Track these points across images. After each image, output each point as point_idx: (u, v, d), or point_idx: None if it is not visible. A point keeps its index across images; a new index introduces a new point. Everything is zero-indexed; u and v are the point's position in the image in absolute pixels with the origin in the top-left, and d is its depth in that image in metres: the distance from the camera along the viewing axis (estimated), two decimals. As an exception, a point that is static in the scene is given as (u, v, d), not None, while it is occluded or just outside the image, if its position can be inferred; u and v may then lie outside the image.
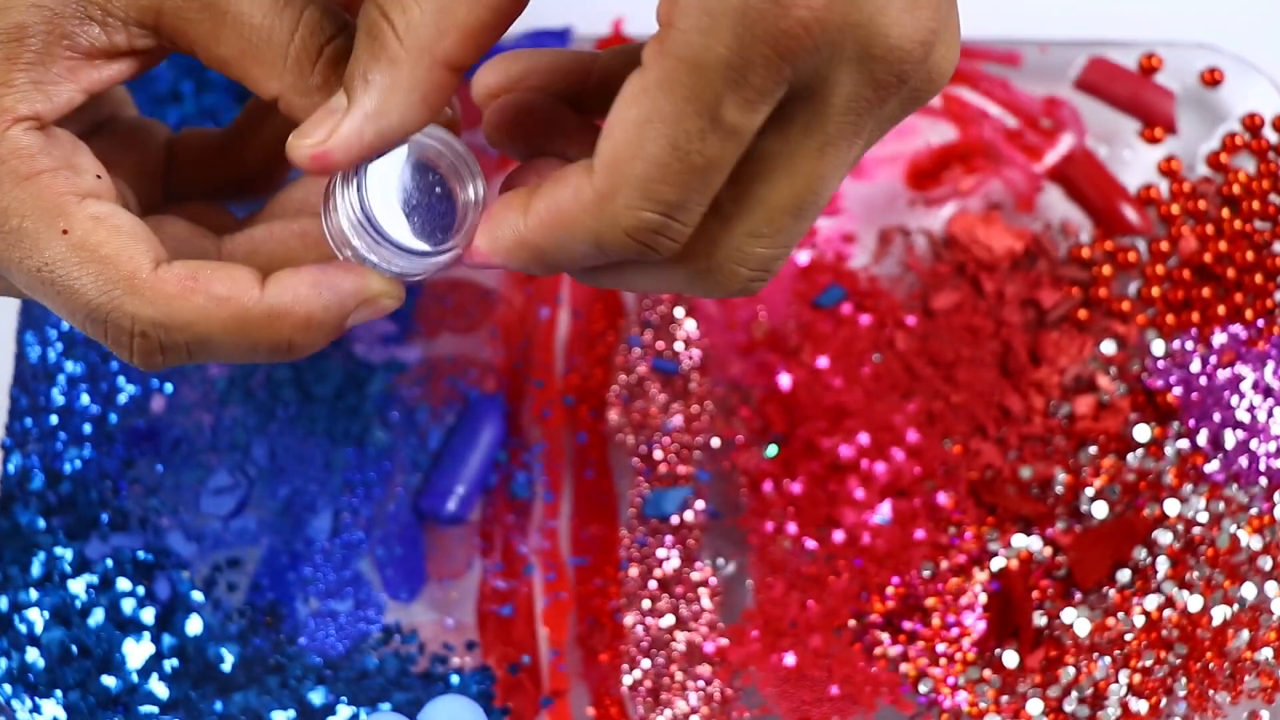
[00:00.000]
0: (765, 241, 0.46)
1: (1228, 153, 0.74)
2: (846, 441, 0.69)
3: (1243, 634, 0.66)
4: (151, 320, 0.47)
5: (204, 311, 0.47)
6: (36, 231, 0.46)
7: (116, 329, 0.47)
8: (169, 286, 0.47)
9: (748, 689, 0.66)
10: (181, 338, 0.48)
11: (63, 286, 0.47)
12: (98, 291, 0.47)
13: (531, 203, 0.47)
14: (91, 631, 0.65)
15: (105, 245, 0.47)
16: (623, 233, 0.45)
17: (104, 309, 0.47)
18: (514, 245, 0.47)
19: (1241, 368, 0.70)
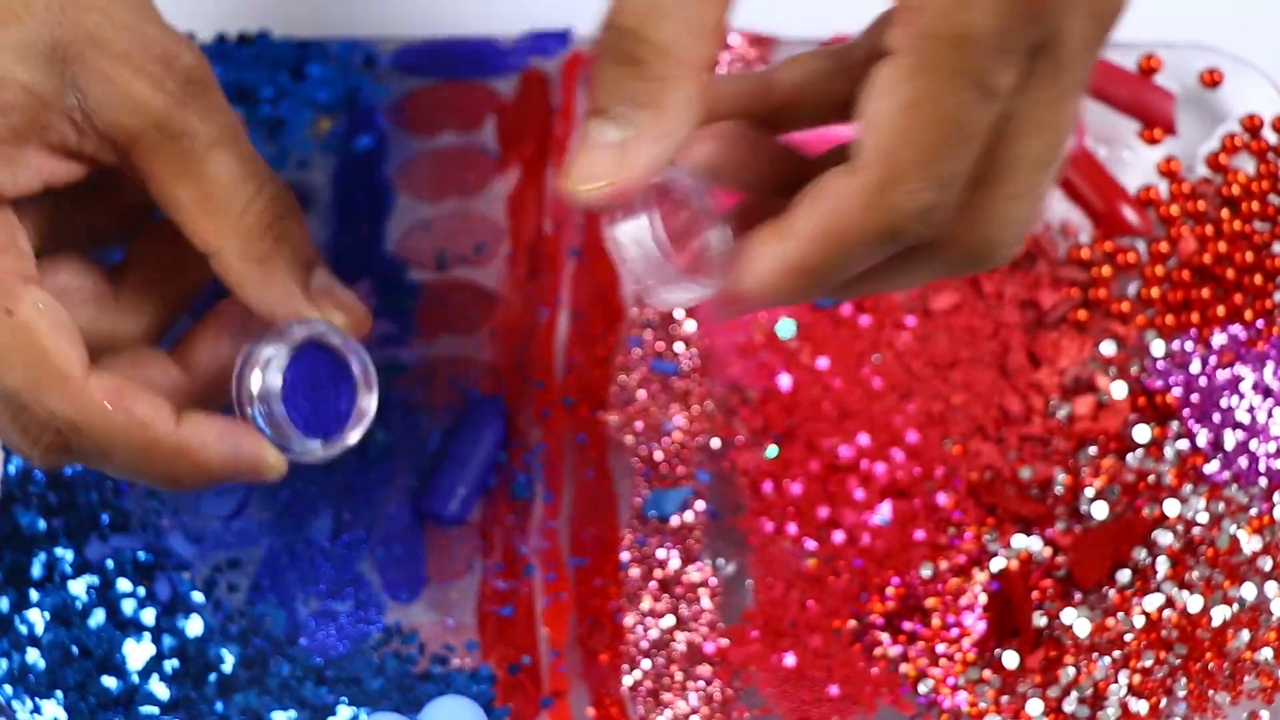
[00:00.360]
0: (1022, 203, 0.47)
1: (1227, 153, 0.74)
2: (846, 442, 0.69)
3: (1243, 634, 0.66)
4: (69, 423, 0.48)
5: (121, 429, 0.49)
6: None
7: (32, 420, 0.48)
8: (96, 396, 0.48)
9: (748, 689, 0.66)
10: (90, 446, 0.49)
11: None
12: (26, 380, 0.47)
13: (790, 227, 0.47)
14: (92, 632, 0.65)
15: (45, 337, 0.47)
16: (906, 219, 0.45)
17: (26, 397, 0.47)
18: (783, 275, 0.47)
19: (1241, 368, 0.70)
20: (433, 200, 0.74)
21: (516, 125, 0.76)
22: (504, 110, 0.76)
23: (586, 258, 0.73)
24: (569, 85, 0.76)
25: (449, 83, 0.76)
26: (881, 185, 0.45)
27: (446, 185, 0.75)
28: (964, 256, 0.48)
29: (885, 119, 0.45)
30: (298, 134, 0.75)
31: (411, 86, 0.76)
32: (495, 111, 0.76)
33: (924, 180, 0.45)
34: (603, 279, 0.73)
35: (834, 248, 0.46)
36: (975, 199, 0.46)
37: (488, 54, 0.76)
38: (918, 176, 0.45)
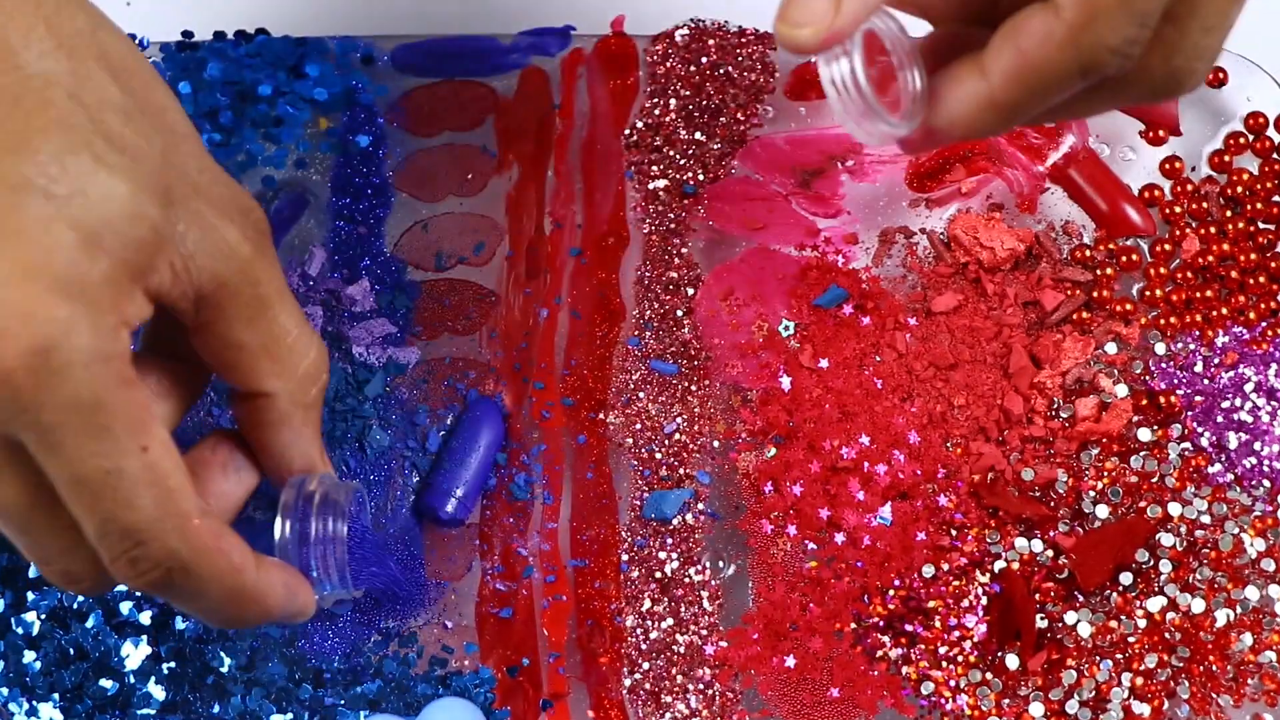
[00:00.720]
0: (1215, 34, 0.50)
1: (1231, 153, 0.74)
2: (847, 443, 0.69)
3: (1245, 637, 0.66)
4: (181, 562, 0.49)
5: (218, 571, 0.50)
6: (120, 439, 0.47)
7: (146, 555, 0.48)
8: (206, 540, 0.49)
9: (748, 691, 0.66)
10: (189, 584, 0.49)
11: (121, 498, 0.47)
12: (153, 518, 0.48)
13: (989, 65, 0.50)
14: (88, 634, 0.65)
15: (171, 478, 0.48)
16: (1107, 53, 0.48)
17: (149, 534, 0.48)
18: (981, 110, 0.51)
19: (1245, 369, 0.70)
20: (432, 200, 0.74)
21: (516, 124, 0.75)
22: (503, 109, 0.76)
23: (586, 258, 0.73)
24: (569, 84, 0.76)
25: (448, 81, 0.76)
26: (1084, 22, 0.48)
27: (446, 184, 0.75)
28: (1156, 86, 0.51)
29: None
30: (296, 133, 0.75)
31: (410, 85, 0.76)
32: (495, 110, 0.76)
33: (1124, 15, 0.47)
34: (603, 279, 0.73)
35: (1032, 84, 0.50)
36: (1169, 32, 0.49)
37: (487, 52, 0.76)
38: (1118, 12, 0.47)
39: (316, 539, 0.55)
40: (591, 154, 0.75)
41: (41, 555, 0.50)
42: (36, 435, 0.46)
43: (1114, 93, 0.52)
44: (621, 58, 0.76)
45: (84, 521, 0.48)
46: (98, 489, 0.47)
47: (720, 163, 0.75)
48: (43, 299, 0.45)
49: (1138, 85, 0.51)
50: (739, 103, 0.75)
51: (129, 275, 0.47)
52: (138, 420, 0.47)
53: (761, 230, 0.73)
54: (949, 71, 0.52)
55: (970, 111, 0.51)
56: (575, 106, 0.76)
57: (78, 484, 0.47)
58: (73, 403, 0.45)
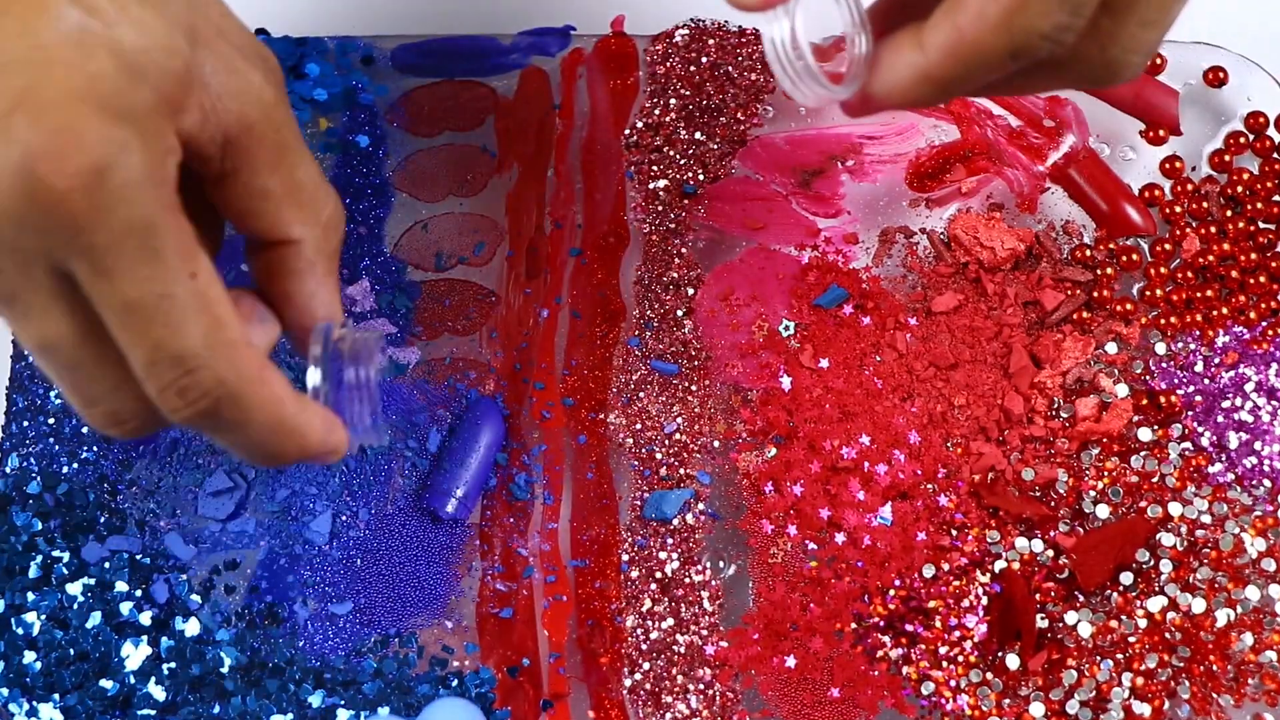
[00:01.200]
0: (1153, 29, 0.51)
1: (1231, 152, 0.74)
2: (848, 443, 0.69)
3: (1246, 637, 0.66)
4: (229, 390, 0.48)
5: (263, 401, 0.49)
6: (171, 263, 0.46)
7: (195, 384, 0.48)
8: (253, 369, 0.49)
9: (749, 692, 0.66)
10: (235, 414, 0.49)
11: (174, 323, 0.47)
12: (201, 344, 0.47)
13: (926, 38, 0.51)
14: (89, 634, 0.65)
15: (219, 305, 0.48)
16: (1039, 37, 0.49)
17: (198, 360, 0.47)
18: (916, 82, 0.52)
19: (1245, 369, 0.70)
20: (432, 200, 0.74)
21: (516, 124, 0.75)
22: (504, 109, 0.76)
23: (586, 258, 0.73)
24: (569, 84, 0.76)
25: (448, 82, 0.76)
26: (1017, 5, 0.49)
27: (446, 185, 0.75)
28: (1090, 74, 0.52)
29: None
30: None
31: (410, 85, 0.76)
32: (495, 110, 0.76)
33: (1056, 2, 0.48)
34: (603, 279, 0.73)
35: (965, 62, 0.51)
36: (1106, 22, 0.50)
37: (487, 52, 0.76)
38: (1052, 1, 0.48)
39: (349, 385, 0.54)
40: (591, 154, 0.75)
41: (87, 395, 0.49)
42: (89, 261, 0.45)
43: (1050, 76, 0.53)
44: (621, 58, 0.76)
45: (133, 351, 0.47)
46: (149, 314, 0.46)
47: (720, 163, 0.74)
48: (94, 121, 0.44)
49: (1073, 71, 0.52)
50: (739, 103, 0.75)
51: (168, 109, 0.46)
52: (188, 246, 0.47)
53: (761, 230, 0.73)
54: (890, 40, 0.52)
55: (906, 82, 0.52)
56: (575, 106, 0.76)
57: (129, 310, 0.46)
58: (126, 226, 0.45)
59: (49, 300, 0.47)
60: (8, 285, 0.46)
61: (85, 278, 0.46)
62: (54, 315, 0.47)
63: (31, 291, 0.46)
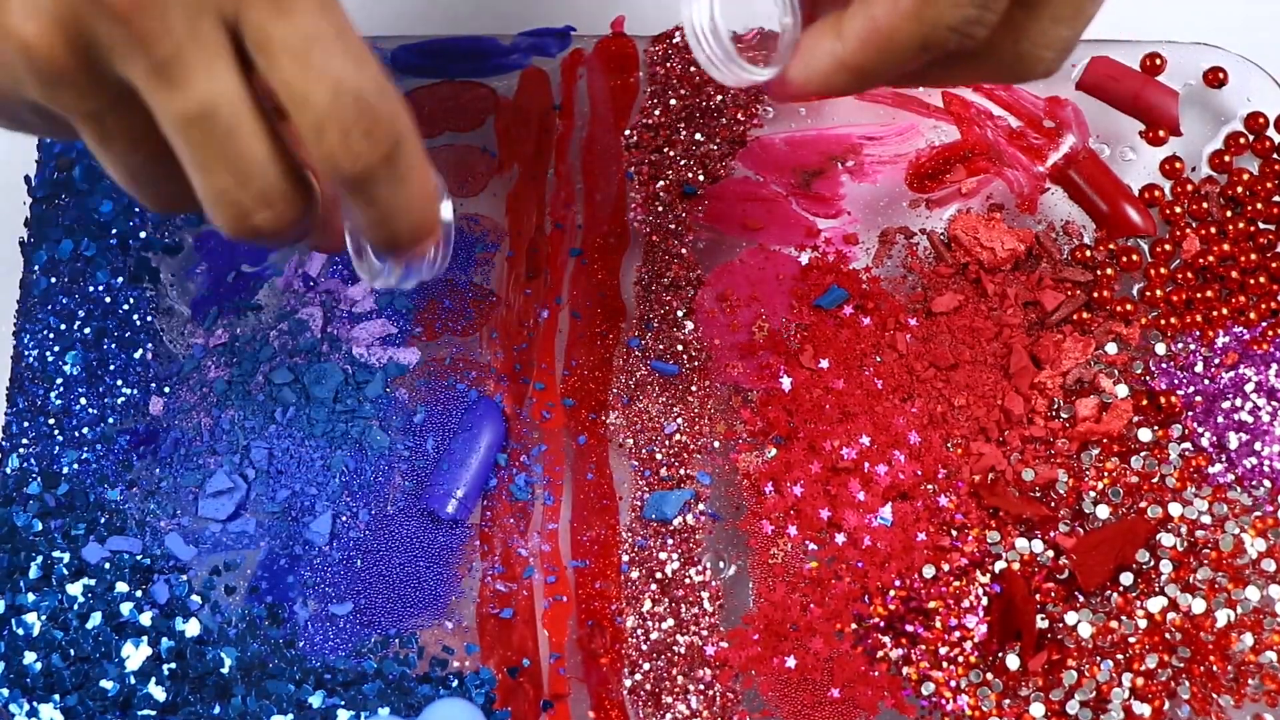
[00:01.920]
0: (1066, 25, 0.52)
1: (1231, 153, 0.74)
2: (848, 444, 0.69)
3: (1246, 637, 0.66)
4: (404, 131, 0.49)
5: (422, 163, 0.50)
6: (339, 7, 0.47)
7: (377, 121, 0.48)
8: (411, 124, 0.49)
9: (749, 692, 0.66)
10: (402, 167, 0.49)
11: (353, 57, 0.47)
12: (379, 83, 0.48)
13: (844, 27, 0.52)
14: (89, 635, 0.65)
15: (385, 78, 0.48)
16: (946, 29, 0.50)
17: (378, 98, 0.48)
18: (833, 70, 0.52)
19: (1245, 369, 0.70)
20: (432, 200, 0.74)
21: (516, 125, 0.75)
22: (504, 109, 0.76)
23: (586, 258, 0.73)
24: (569, 84, 0.76)
25: (449, 82, 0.76)
26: None
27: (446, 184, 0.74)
28: (1004, 68, 0.53)
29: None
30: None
31: (411, 86, 0.76)
32: (495, 111, 0.76)
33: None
34: (603, 279, 0.73)
35: (879, 52, 0.51)
36: (1019, 16, 0.51)
37: (487, 53, 0.76)
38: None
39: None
40: (591, 154, 0.75)
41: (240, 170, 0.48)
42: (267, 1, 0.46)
43: (965, 68, 0.53)
44: (621, 58, 0.76)
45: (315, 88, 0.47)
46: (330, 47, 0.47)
47: (720, 163, 0.74)
48: None
49: (987, 65, 0.53)
50: (739, 103, 0.75)
51: None
52: None
53: (761, 231, 0.73)
54: (812, 27, 0.53)
55: (824, 70, 0.53)
56: (575, 107, 0.76)
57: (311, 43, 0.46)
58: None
59: (213, 56, 0.47)
60: (172, 43, 0.46)
61: (264, 19, 0.46)
62: (218, 72, 0.47)
63: (198, 48, 0.46)
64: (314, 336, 0.71)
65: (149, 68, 0.46)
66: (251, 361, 0.71)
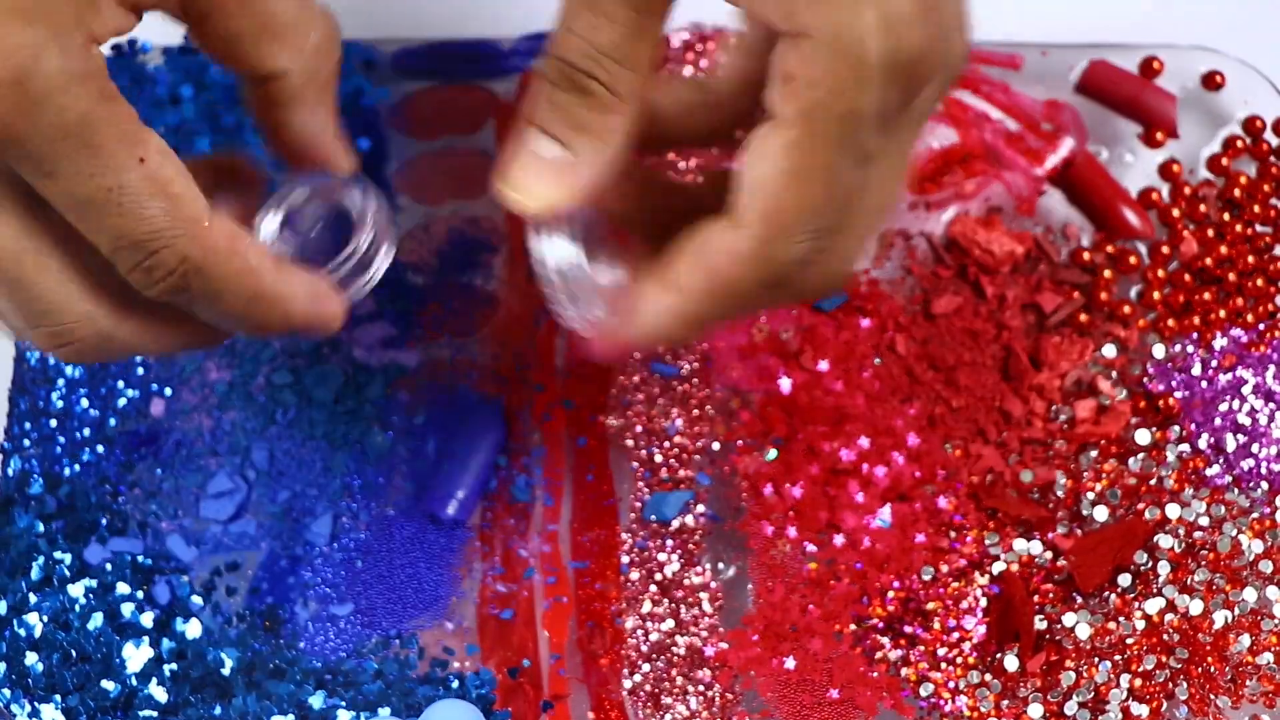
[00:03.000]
0: (867, 239, 0.52)
1: (1229, 156, 0.74)
2: (847, 445, 0.69)
3: (1244, 638, 0.66)
4: (195, 265, 0.49)
5: (234, 272, 0.50)
6: (116, 154, 0.47)
7: (160, 263, 0.48)
8: (220, 241, 0.49)
9: (748, 693, 0.66)
10: (206, 289, 0.50)
11: (128, 212, 0.47)
12: (162, 226, 0.48)
13: (676, 280, 0.51)
14: (90, 635, 0.65)
15: (174, 184, 0.48)
16: (789, 267, 0.50)
17: (159, 243, 0.48)
18: (672, 324, 0.52)
19: (1243, 371, 0.70)
20: (432, 203, 0.74)
21: (516, 127, 0.75)
22: (504, 112, 0.76)
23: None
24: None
25: (449, 85, 0.76)
26: (767, 240, 0.49)
27: (446, 188, 0.75)
28: (812, 289, 0.53)
29: (771, 182, 0.48)
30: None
31: (411, 89, 0.76)
32: (495, 114, 0.76)
33: (805, 235, 0.49)
34: (603, 281, 0.73)
35: (722, 298, 0.51)
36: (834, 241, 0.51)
37: (488, 56, 0.76)
38: (800, 232, 0.49)
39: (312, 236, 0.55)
40: (591, 157, 0.75)
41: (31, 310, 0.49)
42: (32, 165, 0.46)
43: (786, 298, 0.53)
44: (621, 61, 0.76)
45: (96, 241, 0.48)
46: (102, 207, 0.47)
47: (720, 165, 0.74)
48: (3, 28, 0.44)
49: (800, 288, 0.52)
50: (739, 106, 0.75)
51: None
52: (128, 133, 0.47)
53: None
54: (642, 285, 0.52)
55: (664, 325, 0.52)
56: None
57: (83, 205, 0.47)
58: (59, 127, 0.45)
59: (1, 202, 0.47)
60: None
61: (34, 180, 0.46)
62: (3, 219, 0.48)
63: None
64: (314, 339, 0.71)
65: None
66: (252, 363, 0.71)
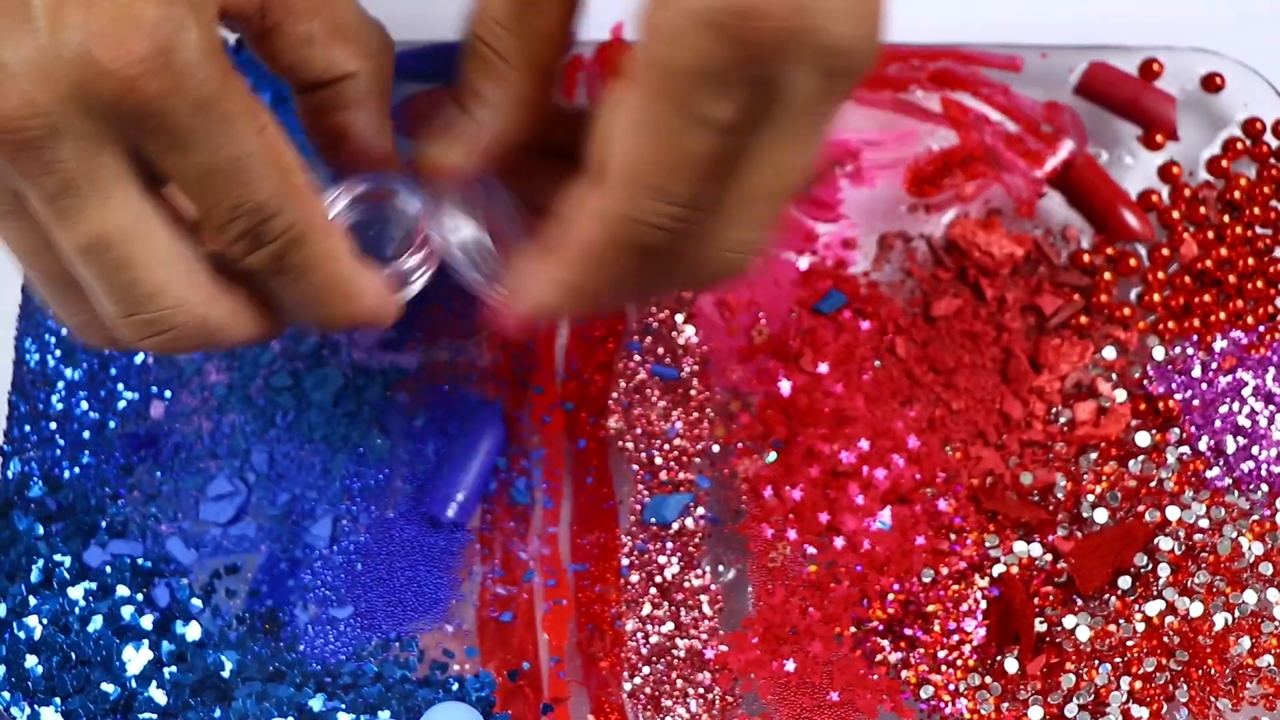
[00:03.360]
0: (747, 229, 0.52)
1: (1229, 158, 0.74)
2: (847, 448, 0.69)
3: (1244, 640, 0.66)
4: (298, 234, 0.50)
5: (327, 251, 0.52)
6: (242, 125, 0.48)
7: (270, 230, 0.50)
8: (319, 216, 0.51)
9: (748, 696, 0.66)
10: (299, 258, 0.51)
11: (250, 180, 0.49)
12: (277, 191, 0.49)
13: (556, 249, 0.52)
14: (90, 638, 0.65)
15: (286, 154, 0.50)
16: (652, 231, 0.50)
17: (273, 206, 0.49)
18: (556, 292, 0.52)
19: (1243, 373, 0.70)
20: (432, 205, 0.74)
21: (516, 129, 0.75)
22: (504, 114, 0.76)
23: (586, 262, 0.73)
24: (568, 88, 0.76)
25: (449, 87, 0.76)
26: (628, 199, 0.49)
27: (446, 190, 0.75)
28: (698, 271, 0.53)
29: (621, 135, 0.49)
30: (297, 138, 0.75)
31: (410, 90, 0.76)
32: (495, 116, 0.76)
33: (663, 195, 0.49)
34: (603, 284, 0.73)
35: (595, 264, 0.51)
36: (708, 221, 0.51)
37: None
38: (659, 193, 0.49)
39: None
40: (591, 159, 0.75)
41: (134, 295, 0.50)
42: (166, 137, 0.47)
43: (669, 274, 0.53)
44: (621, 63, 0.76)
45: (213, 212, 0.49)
46: (228, 176, 0.48)
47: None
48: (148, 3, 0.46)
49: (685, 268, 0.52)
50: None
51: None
52: (252, 104, 0.49)
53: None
54: (528, 257, 0.53)
55: (548, 294, 0.53)
56: (575, 112, 0.76)
57: (210, 175, 0.48)
58: (197, 100, 0.47)
59: (112, 186, 0.48)
60: (68, 174, 0.47)
61: (161, 153, 0.47)
62: (115, 202, 0.48)
63: (96, 178, 0.47)
64: (314, 340, 0.71)
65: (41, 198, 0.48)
66: (252, 366, 0.71)
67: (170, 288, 0.50)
